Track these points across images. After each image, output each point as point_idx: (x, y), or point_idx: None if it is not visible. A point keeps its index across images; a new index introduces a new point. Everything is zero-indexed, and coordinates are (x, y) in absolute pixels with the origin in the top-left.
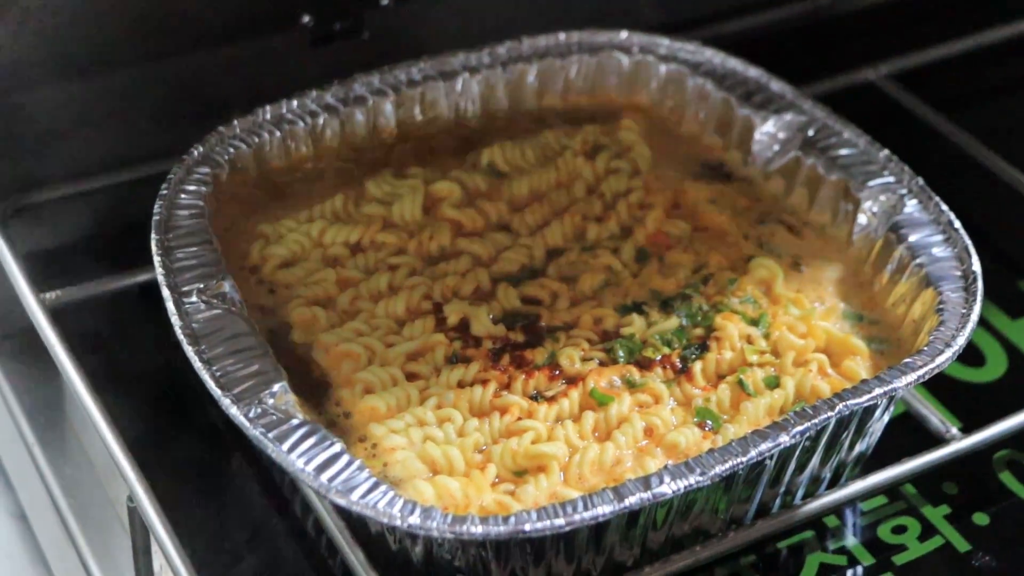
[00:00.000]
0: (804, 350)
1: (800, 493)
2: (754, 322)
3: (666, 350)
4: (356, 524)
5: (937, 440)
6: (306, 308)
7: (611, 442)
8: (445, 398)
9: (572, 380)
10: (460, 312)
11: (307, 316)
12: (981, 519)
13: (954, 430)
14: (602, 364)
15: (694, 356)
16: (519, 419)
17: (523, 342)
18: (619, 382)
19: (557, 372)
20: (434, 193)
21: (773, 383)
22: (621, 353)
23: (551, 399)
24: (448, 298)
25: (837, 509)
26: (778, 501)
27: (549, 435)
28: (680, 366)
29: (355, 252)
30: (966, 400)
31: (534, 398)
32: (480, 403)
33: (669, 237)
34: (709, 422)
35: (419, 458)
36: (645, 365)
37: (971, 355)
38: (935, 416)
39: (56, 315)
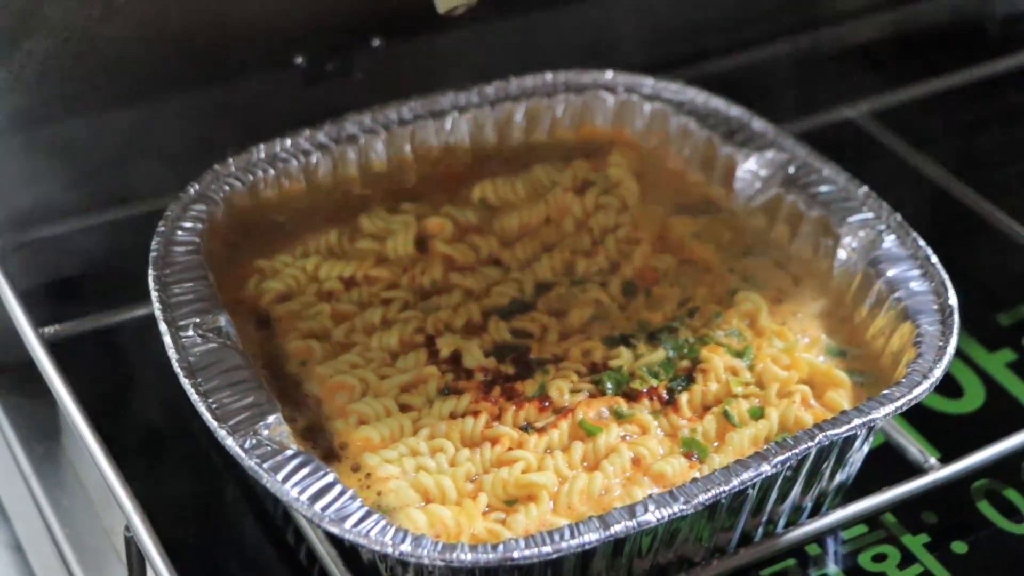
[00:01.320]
0: (788, 382)
1: (782, 522)
2: (739, 354)
3: (653, 382)
4: (348, 553)
5: (916, 470)
6: (301, 341)
7: (599, 472)
8: (437, 429)
9: (561, 411)
10: (452, 345)
11: (302, 348)
12: (960, 547)
13: (933, 460)
14: (591, 396)
15: (680, 387)
16: (509, 449)
17: (513, 374)
18: (607, 413)
19: (547, 404)
20: (426, 229)
21: (758, 414)
22: (609, 385)
23: (541, 430)
24: (440, 331)
25: (818, 538)
26: (760, 530)
27: (539, 465)
28: (667, 397)
29: (349, 286)
30: (945, 431)
31: (524, 429)
32: (471, 434)
33: (656, 271)
34: (695, 452)
35: (412, 487)
36: (633, 396)
37: (949, 387)
38: (914, 447)
39: (54, 349)
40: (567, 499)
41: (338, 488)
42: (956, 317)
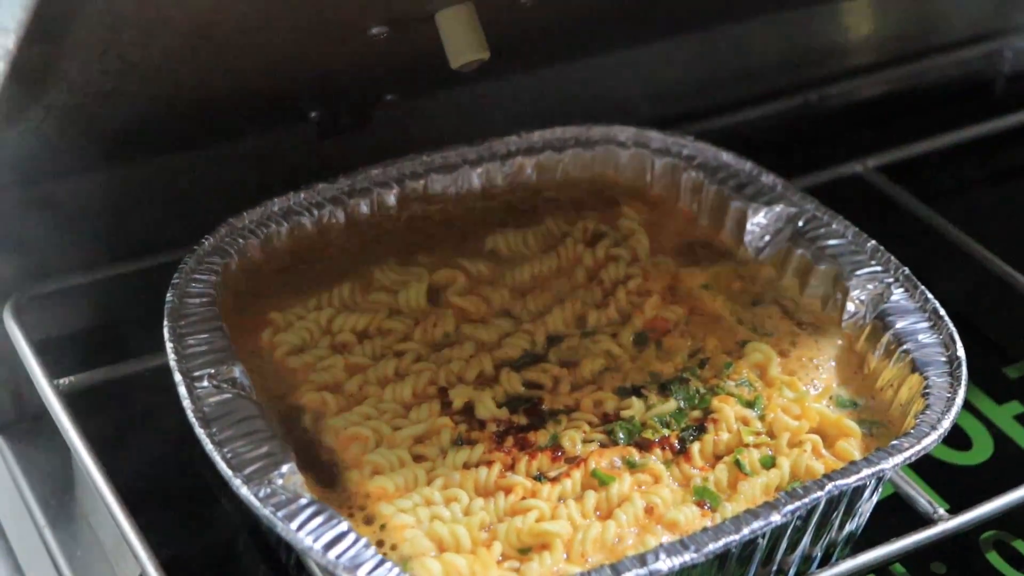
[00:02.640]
0: (798, 431)
1: (792, 572)
2: (750, 404)
3: (665, 432)
4: None
5: (925, 521)
6: (316, 394)
7: (612, 520)
8: (451, 478)
9: (574, 461)
10: (465, 396)
11: (317, 401)
12: None
13: (942, 511)
14: (603, 446)
15: (692, 437)
16: (523, 498)
17: (526, 425)
18: (619, 463)
19: (559, 454)
20: (438, 281)
21: (769, 463)
22: (621, 435)
23: (554, 479)
24: (453, 383)
25: None
26: None
27: (553, 514)
28: (678, 447)
29: (362, 339)
30: (953, 482)
31: (537, 479)
32: (485, 483)
33: (666, 322)
34: (707, 501)
35: (427, 536)
36: (644, 446)
37: (958, 438)
38: (923, 497)
39: (69, 400)
40: (581, 547)
41: (352, 536)
42: (964, 369)
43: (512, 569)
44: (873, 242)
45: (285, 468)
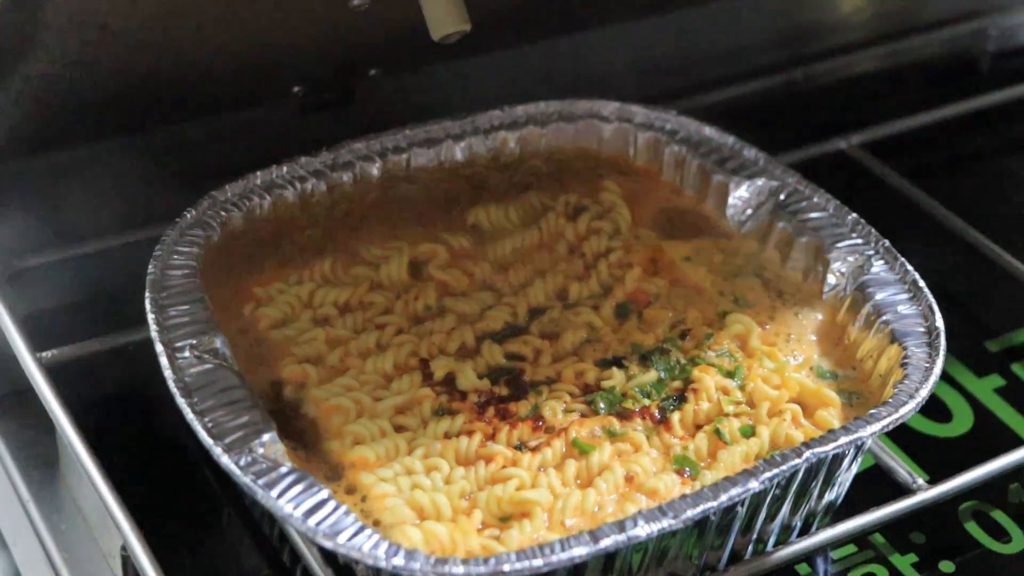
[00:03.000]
0: (778, 400)
1: (772, 541)
2: (730, 374)
3: (645, 402)
4: (343, 571)
5: (905, 491)
6: (297, 366)
7: (592, 488)
8: (432, 448)
9: (554, 431)
10: (446, 368)
11: (299, 373)
12: (947, 567)
13: (921, 482)
14: (583, 416)
15: (672, 407)
16: (504, 467)
17: (507, 395)
18: (600, 432)
19: (540, 423)
20: (420, 255)
21: (749, 432)
22: (602, 405)
23: (534, 449)
24: (434, 355)
25: (808, 557)
26: (750, 548)
27: (533, 482)
28: (659, 417)
29: (344, 312)
30: (933, 454)
31: (518, 448)
32: (466, 453)
33: (647, 294)
34: (687, 469)
35: (408, 505)
36: (625, 416)
37: (938, 411)
38: (903, 468)
39: (52, 373)
40: (561, 515)
41: (332, 504)
42: (943, 339)
43: (492, 537)
44: (854, 215)
45: (266, 437)
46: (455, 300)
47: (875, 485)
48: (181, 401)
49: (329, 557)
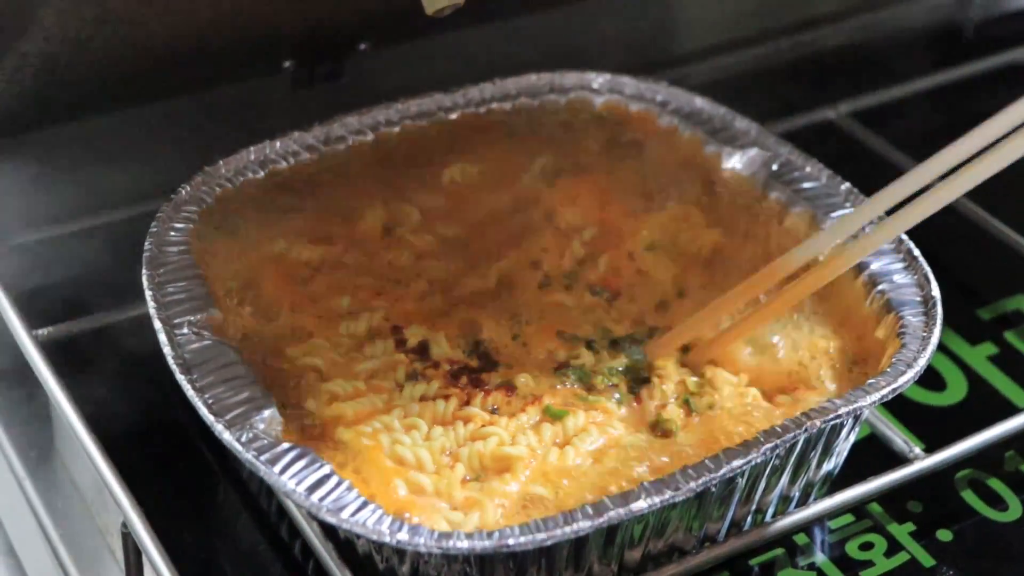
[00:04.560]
0: (738, 385)
1: (771, 511)
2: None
3: (615, 380)
4: (343, 546)
5: (901, 460)
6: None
7: (571, 447)
8: (410, 409)
9: (528, 399)
10: (420, 335)
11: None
12: (945, 535)
13: (918, 451)
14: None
15: (638, 388)
16: (482, 426)
17: (478, 367)
18: (573, 401)
19: (512, 393)
20: (392, 217)
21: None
22: (573, 378)
23: (511, 415)
24: (407, 323)
25: (806, 527)
26: (750, 519)
27: (512, 442)
28: (628, 392)
29: (317, 270)
30: (929, 423)
31: (493, 412)
32: (443, 415)
33: (619, 280)
34: (662, 429)
35: (390, 458)
36: (596, 391)
37: (933, 380)
38: (899, 438)
39: (48, 350)
40: (542, 468)
41: (334, 479)
42: (939, 308)
43: (475, 489)
44: (847, 184)
45: (266, 413)
46: (426, 264)
47: (872, 454)
48: (181, 378)
49: (329, 531)
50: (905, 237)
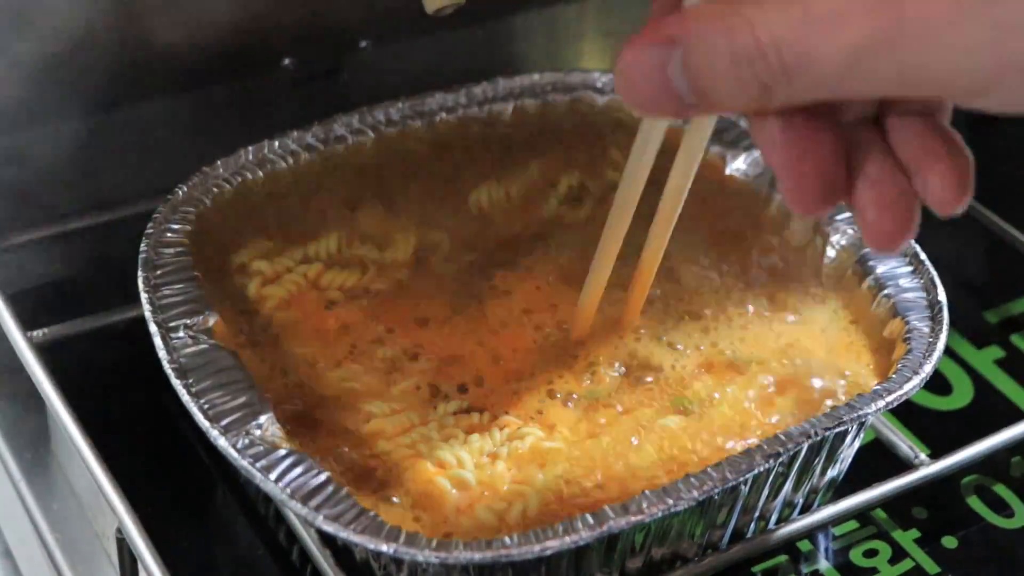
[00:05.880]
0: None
1: (774, 518)
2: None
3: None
4: (341, 553)
5: (906, 466)
6: (306, 348)
7: (604, 435)
8: (444, 422)
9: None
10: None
11: (308, 355)
12: (950, 542)
13: (923, 456)
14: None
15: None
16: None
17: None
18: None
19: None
20: (424, 243)
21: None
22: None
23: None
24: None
25: (810, 534)
26: (753, 526)
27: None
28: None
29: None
30: (934, 427)
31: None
32: (479, 424)
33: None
34: (686, 408)
35: (431, 462)
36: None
37: (939, 384)
38: (904, 443)
39: (43, 353)
40: (581, 457)
41: (332, 487)
42: (946, 314)
43: (518, 482)
44: None
45: (263, 419)
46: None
47: (876, 460)
48: (176, 382)
49: (327, 538)
50: (912, 242)
